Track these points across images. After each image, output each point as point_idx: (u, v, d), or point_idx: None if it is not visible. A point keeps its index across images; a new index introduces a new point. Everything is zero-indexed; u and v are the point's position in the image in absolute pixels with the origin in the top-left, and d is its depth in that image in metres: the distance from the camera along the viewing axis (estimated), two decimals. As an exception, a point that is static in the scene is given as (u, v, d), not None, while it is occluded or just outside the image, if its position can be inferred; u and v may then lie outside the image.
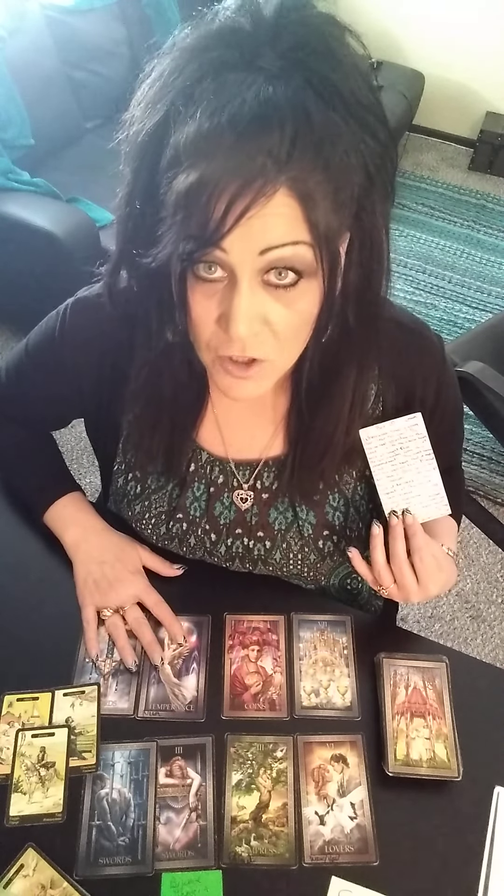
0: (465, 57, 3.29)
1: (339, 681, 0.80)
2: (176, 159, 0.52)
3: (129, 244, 0.61)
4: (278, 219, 0.52)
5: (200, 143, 0.50)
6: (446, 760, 0.74)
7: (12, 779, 0.71)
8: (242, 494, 0.83)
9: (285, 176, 0.50)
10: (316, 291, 0.58)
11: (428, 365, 0.80)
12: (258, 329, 0.58)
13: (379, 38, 3.28)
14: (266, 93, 0.49)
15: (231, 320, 0.56)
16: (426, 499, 0.79)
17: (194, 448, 0.82)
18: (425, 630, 1.82)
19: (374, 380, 0.78)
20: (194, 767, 0.73)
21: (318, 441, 0.76)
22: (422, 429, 0.77)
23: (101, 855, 0.67)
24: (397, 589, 0.78)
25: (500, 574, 1.96)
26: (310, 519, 0.83)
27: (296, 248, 0.53)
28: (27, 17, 2.24)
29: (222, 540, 0.85)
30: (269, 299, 0.57)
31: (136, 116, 0.56)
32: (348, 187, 0.54)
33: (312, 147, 0.50)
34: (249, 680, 0.79)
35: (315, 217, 0.52)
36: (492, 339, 1.83)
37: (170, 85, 0.53)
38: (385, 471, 0.77)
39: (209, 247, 0.53)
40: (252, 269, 0.55)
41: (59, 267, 1.90)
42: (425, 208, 3.18)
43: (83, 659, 0.81)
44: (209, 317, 0.59)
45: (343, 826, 0.70)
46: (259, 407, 0.80)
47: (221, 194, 0.50)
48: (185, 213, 0.52)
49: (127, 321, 0.71)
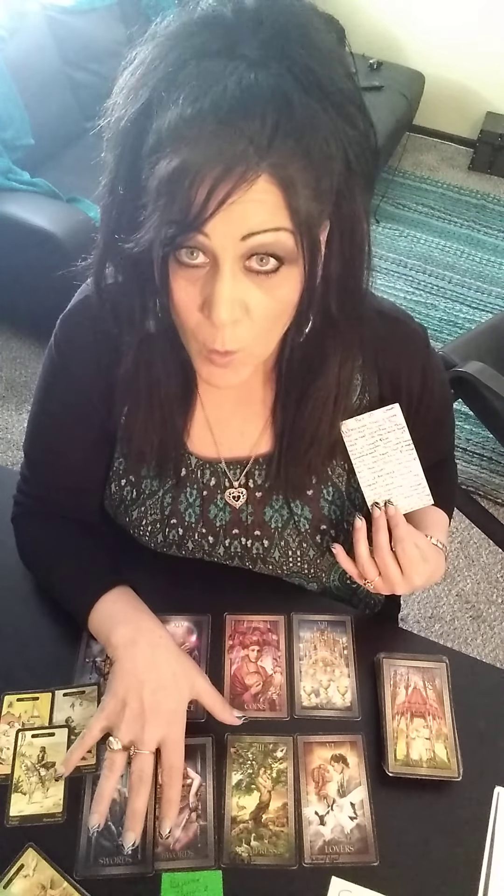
0: (465, 57, 3.29)
1: (339, 681, 0.80)
2: (158, 145, 0.53)
3: (113, 231, 0.61)
4: (260, 205, 0.52)
5: (182, 129, 0.51)
6: (446, 760, 0.74)
7: (12, 779, 0.71)
8: (234, 493, 0.83)
9: (267, 162, 0.51)
10: (297, 279, 0.59)
11: (412, 353, 0.80)
12: (239, 315, 0.59)
13: (379, 38, 3.29)
14: (248, 80, 0.50)
15: (213, 305, 0.57)
16: (408, 489, 0.79)
17: (184, 453, 0.81)
18: (425, 630, 1.82)
19: (358, 371, 0.78)
20: (194, 767, 0.73)
21: (304, 433, 0.76)
22: (400, 419, 0.77)
23: (101, 855, 0.67)
24: (382, 581, 0.78)
25: (500, 574, 1.96)
26: (305, 514, 0.83)
27: (277, 234, 0.54)
28: (27, 17, 2.25)
29: (220, 541, 0.85)
30: (251, 285, 0.58)
31: (118, 103, 0.56)
32: (329, 175, 0.54)
33: (293, 134, 0.51)
34: (249, 680, 0.79)
35: (296, 204, 0.53)
36: (492, 339, 1.83)
37: (152, 71, 0.53)
38: (366, 462, 0.78)
39: (191, 231, 0.53)
40: (234, 255, 0.55)
41: (59, 267, 1.89)
42: (425, 208, 3.18)
43: (83, 659, 0.81)
44: (193, 303, 0.59)
45: (343, 826, 0.70)
46: (247, 402, 0.80)
47: (203, 179, 0.51)
48: (168, 198, 0.52)
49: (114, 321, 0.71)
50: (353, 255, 0.62)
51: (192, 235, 0.54)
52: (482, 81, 3.35)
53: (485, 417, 1.78)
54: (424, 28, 3.27)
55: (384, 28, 3.30)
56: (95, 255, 0.66)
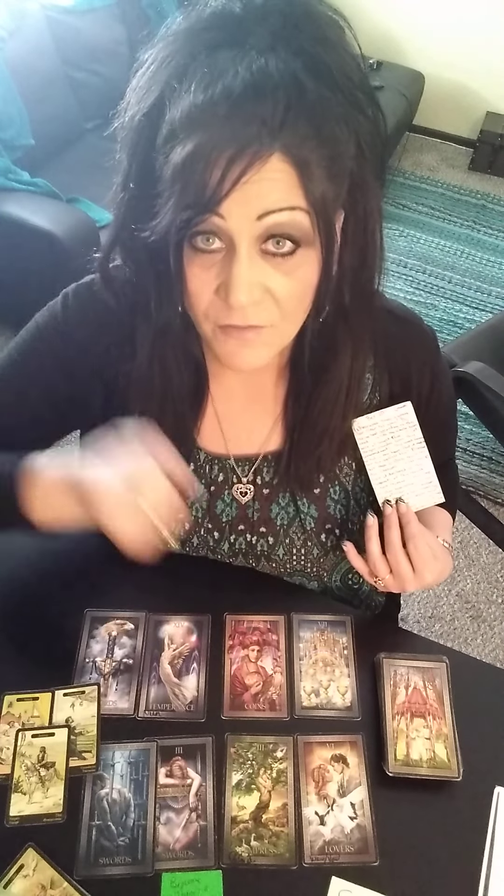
0: (465, 57, 3.29)
1: (339, 681, 0.80)
2: (172, 134, 0.53)
3: (126, 223, 0.61)
4: (274, 183, 0.53)
5: (195, 115, 0.51)
6: (446, 760, 0.74)
7: (12, 779, 0.71)
8: (242, 488, 0.83)
9: (279, 142, 0.51)
10: (314, 261, 0.59)
11: (422, 355, 0.81)
12: (259, 297, 0.59)
13: (379, 38, 3.28)
14: (258, 64, 0.51)
15: (231, 288, 0.57)
16: (419, 487, 0.79)
17: (193, 448, 0.81)
18: (425, 630, 1.82)
19: (369, 370, 0.78)
20: (194, 767, 0.73)
21: (315, 427, 0.76)
22: (412, 417, 0.77)
23: (101, 855, 0.67)
24: (393, 579, 0.78)
25: (500, 574, 1.96)
26: (311, 513, 0.83)
27: (293, 213, 0.54)
28: (27, 17, 2.25)
29: (225, 537, 0.85)
30: (269, 268, 0.58)
31: (130, 103, 0.57)
32: (342, 158, 0.55)
33: (305, 115, 0.52)
34: (249, 680, 0.79)
35: (311, 184, 0.53)
36: (492, 339, 1.83)
37: (163, 68, 0.54)
38: (377, 460, 0.78)
39: (207, 213, 0.54)
40: (250, 237, 0.55)
41: (59, 267, 1.90)
42: (425, 208, 3.18)
43: (83, 659, 0.80)
44: (207, 288, 0.59)
45: (343, 826, 0.70)
46: (258, 398, 0.80)
47: (217, 160, 0.51)
48: (183, 182, 0.53)
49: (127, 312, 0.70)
50: (367, 244, 0.62)
51: (208, 217, 0.54)
52: (482, 81, 3.35)
53: (485, 417, 1.78)
54: (424, 28, 3.27)
55: (384, 28, 3.30)
56: (104, 248, 0.66)
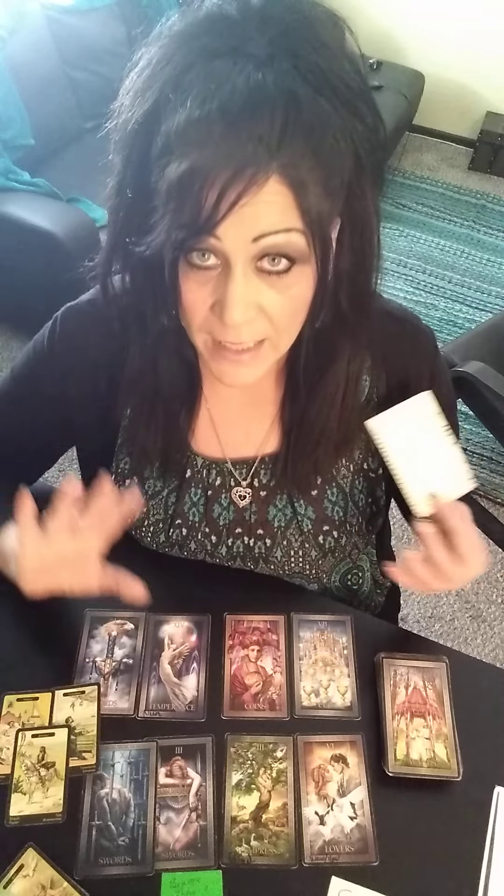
0: (465, 57, 3.29)
1: (339, 681, 0.80)
2: (167, 147, 0.52)
3: (122, 233, 0.61)
4: (271, 206, 0.52)
5: (191, 132, 0.51)
6: (446, 760, 0.74)
7: (12, 779, 0.71)
8: (241, 492, 0.83)
9: (277, 163, 0.50)
10: (309, 277, 0.59)
11: (421, 354, 0.80)
12: (253, 315, 0.59)
13: (379, 38, 3.28)
14: (255, 79, 0.50)
15: (226, 307, 0.57)
16: (450, 477, 0.74)
17: (189, 453, 0.81)
18: (425, 630, 1.82)
19: (366, 371, 0.78)
20: (194, 767, 0.73)
21: (312, 429, 0.76)
22: (435, 405, 0.73)
23: (101, 855, 0.67)
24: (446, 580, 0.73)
25: (500, 574, 1.96)
26: (308, 514, 0.83)
27: (288, 234, 0.54)
28: (27, 17, 2.25)
29: (223, 541, 0.85)
30: (263, 286, 0.57)
31: (125, 105, 0.56)
32: (339, 173, 0.54)
33: (303, 133, 0.51)
34: (249, 680, 0.79)
35: (307, 204, 0.53)
36: (492, 339, 1.83)
37: (159, 73, 0.53)
38: (405, 456, 0.72)
39: (202, 235, 0.53)
40: (245, 257, 0.55)
41: (59, 267, 1.90)
42: (425, 208, 3.18)
43: (83, 659, 0.80)
44: (203, 304, 0.59)
45: (343, 826, 0.70)
46: (254, 401, 0.80)
47: (213, 182, 0.50)
48: (178, 201, 0.52)
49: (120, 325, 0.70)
50: (364, 249, 0.62)
51: (204, 238, 0.54)
52: (482, 81, 3.34)
53: (485, 417, 1.78)
54: (424, 28, 3.26)
55: (384, 28, 3.30)
56: (102, 257, 0.65)
